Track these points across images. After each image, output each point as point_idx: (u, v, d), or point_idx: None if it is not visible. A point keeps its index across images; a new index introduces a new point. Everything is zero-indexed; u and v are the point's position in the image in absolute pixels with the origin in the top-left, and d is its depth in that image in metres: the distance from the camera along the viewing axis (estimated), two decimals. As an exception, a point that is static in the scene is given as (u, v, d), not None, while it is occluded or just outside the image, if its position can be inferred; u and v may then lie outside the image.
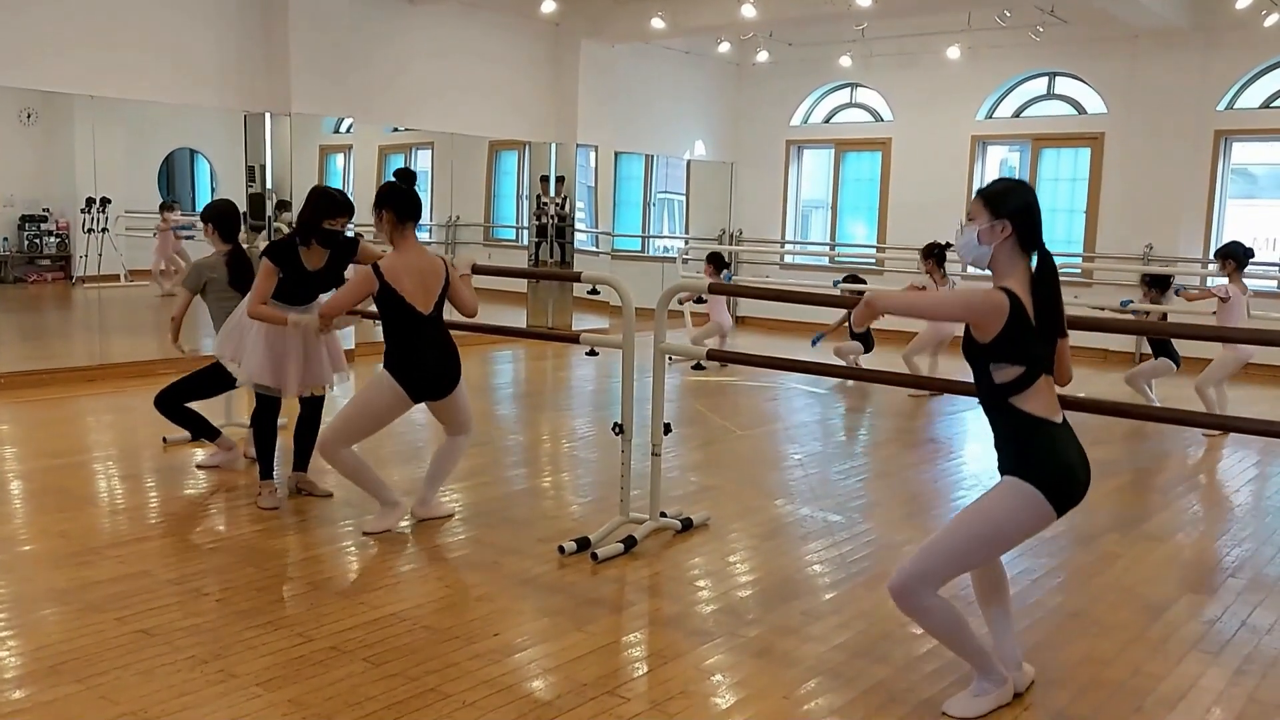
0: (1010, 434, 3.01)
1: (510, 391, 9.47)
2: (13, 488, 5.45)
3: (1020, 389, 2.95)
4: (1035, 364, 2.95)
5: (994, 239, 2.98)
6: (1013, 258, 2.98)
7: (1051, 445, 2.97)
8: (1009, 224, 2.96)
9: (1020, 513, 2.98)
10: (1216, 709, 3.31)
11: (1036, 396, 2.96)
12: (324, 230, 4.89)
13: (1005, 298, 2.90)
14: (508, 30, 11.45)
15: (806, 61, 13.55)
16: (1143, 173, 11.42)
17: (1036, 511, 2.97)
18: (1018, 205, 2.98)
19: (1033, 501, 2.95)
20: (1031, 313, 2.93)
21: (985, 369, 2.99)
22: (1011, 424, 3.00)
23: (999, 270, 3.00)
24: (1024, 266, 2.99)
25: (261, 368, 4.99)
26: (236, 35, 9.24)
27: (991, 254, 2.99)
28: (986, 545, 3.05)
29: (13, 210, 11.37)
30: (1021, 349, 2.92)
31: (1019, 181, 3.11)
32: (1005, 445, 3.04)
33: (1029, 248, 2.99)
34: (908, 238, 12.36)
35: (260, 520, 4.95)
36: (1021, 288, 2.94)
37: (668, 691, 3.30)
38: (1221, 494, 6.27)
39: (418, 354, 4.61)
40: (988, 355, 2.96)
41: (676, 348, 5.17)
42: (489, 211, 14.50)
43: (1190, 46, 11.04)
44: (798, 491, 5.77)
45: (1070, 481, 2.98)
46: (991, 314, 2.90)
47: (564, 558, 4.49)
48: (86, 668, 3.31)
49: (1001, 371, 2.95)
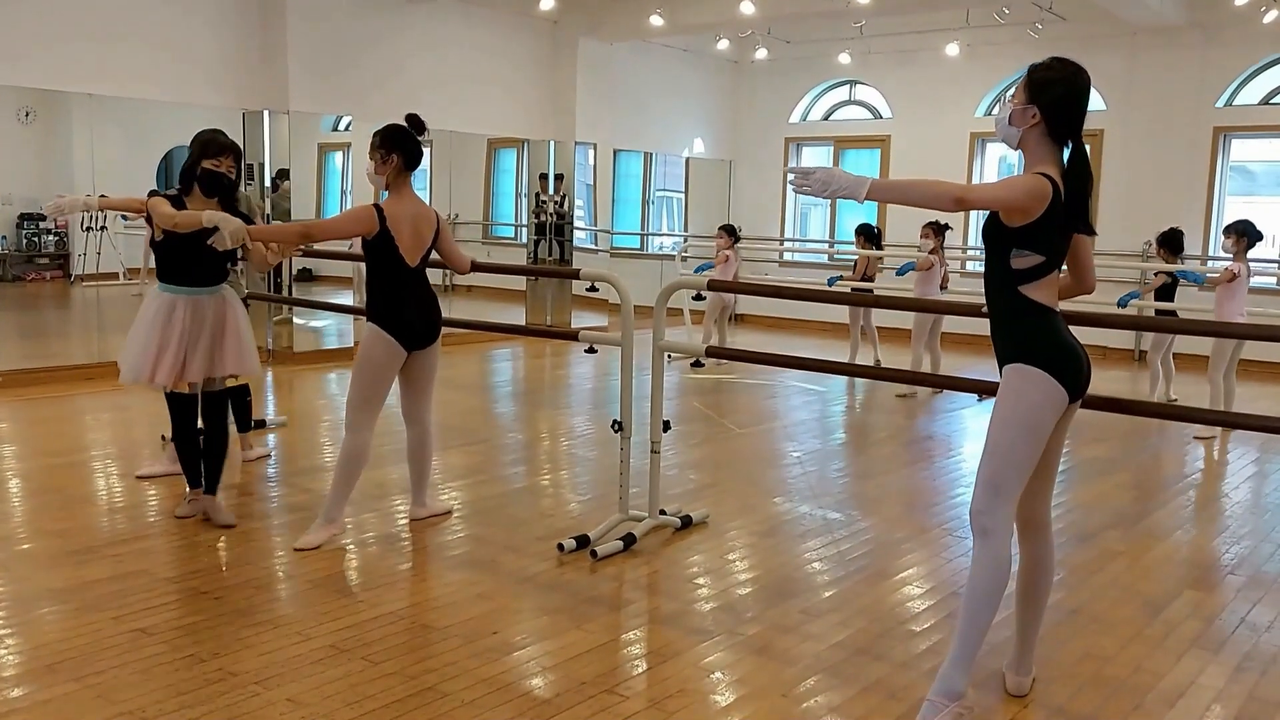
0: (1012, 320, 3.02)
1: (509, 389, 9.47)
2: (11, 486, 5.44)
3: (1034, 278, 2.95)
4: (1055, 255, 2.96)
5: (1023, 123, 2.96)
6: (1041, 144, 2.96)
7: (1050, 329, 2.99)
8: (1039, 112, 2.93)
9: (1034, 395, 2.95)
10: (1216, 706, 3.31)
11: (1045, 287, 2.97)
12: (206, 172, 4.45)
13: (1048, 182, 2.88)
14: (506, 28, 11.44)
15: (805, 59, 13.54)
16: (1142, 170, 11.41)
17: (1048, 389, 2.95)
18: (1054, 97, 2.93)
19: (1040, 381, 2.95)
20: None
21: (1004, 254, 2.98)
22: (1015, 309, 3.00)
23: (1029, 155, 2.99)
24: (1055, 155, 2.97)
25: (138, 360, 4.50)
26: (235, 33, 9.23)
27: (1020, 137, 2.97)
28: (1021, 439, 2.97)
29: (11, 209, 11.36)
30: (1047, 238, 2.92)
31: (1072, 69, 2.98)
32: (1006, 332, 3.04)
33: (1060, 139, 2.96)
34: (907, 234, 12.34)
35: (258, 519, 4.94)
36: (1055, 175, 2.92)
37: (666, 689, 3.30)
38: (1221, 491, 6.27)
39: (401, 305, 4.49)
40: (1013, 240, 2.94)
41: (675, 345, 5.17)
42: (488, 209, 14.49)
43: (1189, 43, 11.04)
44: (796, 489, 5.77)
45: (1072, 359, 2.98)
46: (1035, 198, 2.86)
47: (563, 556, 4.49)
48: (84, 666, 3.31)
49: (1022, 258, 2.94)
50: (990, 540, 2.98)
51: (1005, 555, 2.99)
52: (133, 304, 10.86)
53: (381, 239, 4.39)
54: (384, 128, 4.48)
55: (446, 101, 10.93)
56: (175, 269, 4.63)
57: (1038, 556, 3.24)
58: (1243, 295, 7.42)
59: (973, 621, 3.01)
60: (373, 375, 4.55)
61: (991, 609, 3.01)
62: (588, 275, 5.08)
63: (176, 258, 4.60)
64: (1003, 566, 2.99)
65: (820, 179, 2.93)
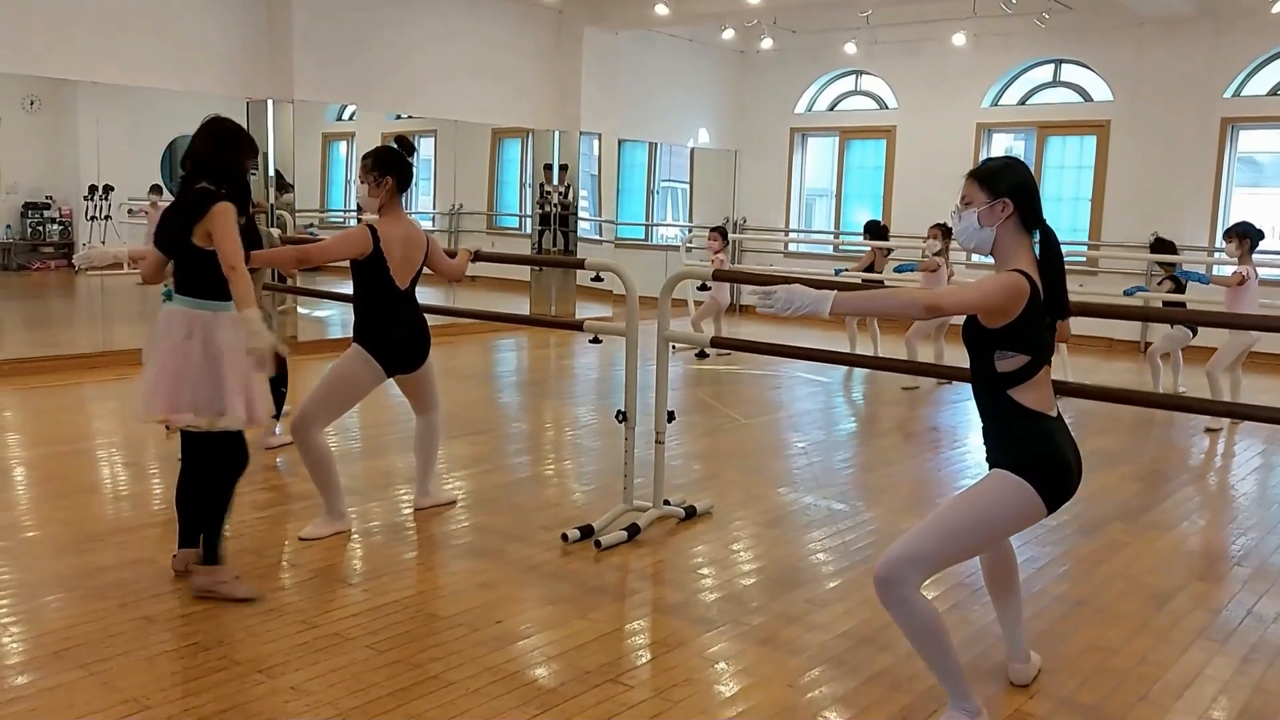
0: (1004, 426, 2.90)
1: (513, 379, 9.46)
2: (16, 475, 5.45)
3: (1022, 380, 2.84)
4: (1041, 353, 2.85)
5: (995, 220, 2.85)
6: (1016, 238, 2.85)
7: (1045, 440, 2.86)
8: (1009, 202, 2.83)
9: (1010, 506, 2.86)
10: (1223, 698, 3.30)
11: (1035, 389, 2.85)
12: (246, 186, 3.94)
13: (1024, 280, 2.77)
14: (511, 17, 11.41)
15: (811, 49, 13.49)
16: (1149, 161, 11.36)
17: (1027, 506, 2.86)
18: (1015, 182, 2.85)
19: (1024, 495, 2.84)
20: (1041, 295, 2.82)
21: (988, 357, 2.86)
22: (1006, 416, 2.88)
23: (1003, 253, 2.87)
24: (1028, 246, 2.87)
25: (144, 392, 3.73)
26: (240, 22, 9.22)
27: (994, 237, 2.87)
28: (974, 536, 2.92)
29: (16, 197, 11.37)
30: (1031, 336, 2.81)
31: (1010, 157, 2.96)
32: (998, 437, 2.93)
33: (1031, 226, 2.87)
34: (912, 226, 12.31)
35: (263, 508, 4.94)
36: (1030, 269, 2.83)
37: (671, 679, 3.29)
38: (1227, 483, 6.25)
39: (389, 328, 4.47)
40: (994, 342, 2.83)
41: (680, 335, 5.15)
42: (492, 200, 14.47)
43: (1197, 33, 10.98)
44: (801, 480, 5.76)
45: (1063, 478, 2.88)
46: (1013, 298, 2.76)
47: (567, 545, 4.48)
48: (89, 654, 3.31)
49: (1006, 360, 2.83)
50: (906, 607, 2.84)
51: (925, 609, 2.87)
52: (136, 294, 10.87)
53: (373, 260, 4.38)
54: (376, 151, 4.48)
55: (451, 91, 10.91)
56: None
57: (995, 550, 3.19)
58: (1254, 298, 7.36)
59: (935, 660, 2.92)
60: (343, 391, 4.51)
61: (943, 647, 2.90)
62: (593, 265, 5.07)
63: None
64: (929, 619, 2.87)
65: (783, 299, 2.83)
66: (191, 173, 3.73)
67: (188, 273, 3.70)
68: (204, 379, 3.61)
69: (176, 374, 3.61)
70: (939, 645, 2.89)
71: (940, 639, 2.89)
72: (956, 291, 2.89)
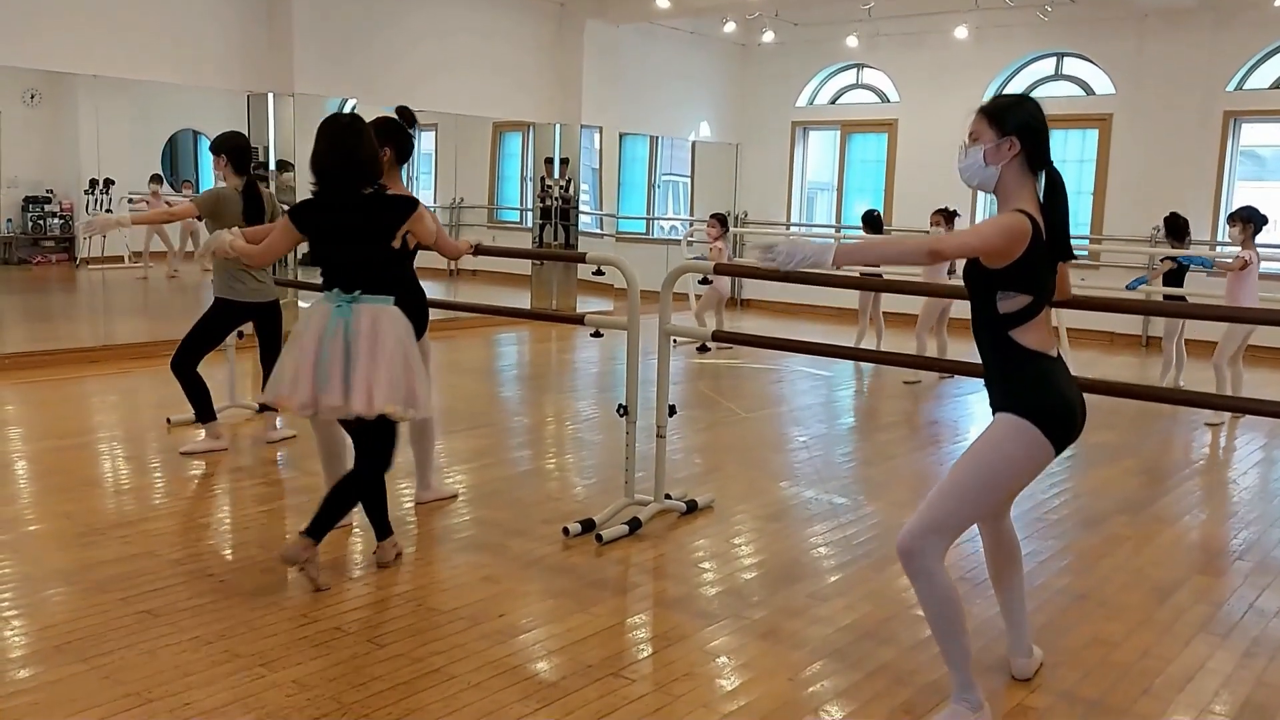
0: (1005, 368, 2.88)
1: (514, 373, 9.46)
2: (17, 469, 5.45)
3: (1023, 320, 2.81)
4: (1043, 293, 2.82)
5: (1001, 159, 2.80)
6: (1021, 178, 2.82)
7: (1047, 379, 2.84)
8: (1016, 141, 2.79)
9: (1018, 450, 2.84)
10: (1224, 691, 3.30)
11: (1036, 330, 2.83)
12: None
13: (1026, 220, 2.74)
14: (512, 10, 11.39)
15: (812, 42, 13.47)
16: (1151, 154, 11.35)
17: (1035, 448, 2.83)
18: (1024, 120, 2.81)
19: (1029, 437, 2.82)
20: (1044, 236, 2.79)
21: (990, 298, 2.84)
22: (1007, 357, 2.86)
23: (1006, 193, 2.83)
24: (1031, 188, 2.83)
25: (276, 378, 3.91)
26: (240, 15, 9.20)
27: (998, 176, 2.82)
28: (989, 490, 2.89)
29: (17, 191, 11.36)
30: (1033, 276, 2.78)
31: (1024, 95, 2.91)
32: (999, 380, 2.91)
33: (1037, 167, 2.83)
34: (914, 220, 12.31)
35: (264, 501, 4.95)
36: (1033, 210, 2.79)
37: (672, 673, 3.29)
38: (1229, 477, 6.25)
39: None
40: (997, 282, 2.79)
41: (681, 329, 5.15)
42: (493, 193, 14.46)
43: (1199, 26, 10.95)
44: (803, 474, 5.76)
45: (1066, 416, 2.85)
46: (1014, 239, 2.72)
47: (569, 539, 4.48)
48: (91, 648, 3.31)
49: (1008, 300, 2.80)
50: (925, 578, 2.85)
51: (943, 583, 2.87)
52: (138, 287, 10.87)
53: None
54: (377, 120, 4.41)
55: (452, 84, 10.90)
56: None
57: (999, 540, 3.18)
58: (1254, 282, 7.36)
59: (950, 651, 2.93)
60: None
61: (961, 631, 2.91)
62: (594, 259, 5.06)
63: None
64: (950, 595, 2.88)
65: (785, 251, 2.81)
66: (361, 174, 3.83)
67: (382, 272, 3.87)
68: (401, 373, 3.79)
69: (391, 367, 3.75)
70: (955, 625, 2.89)
71: (957, 619, 2.89)
72: (957, 236, 2.89)
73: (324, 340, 3.76)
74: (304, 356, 3.78)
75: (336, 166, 3.82)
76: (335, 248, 3.87)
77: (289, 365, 3.83)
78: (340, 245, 3.86)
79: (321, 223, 3.89)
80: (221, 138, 5.70)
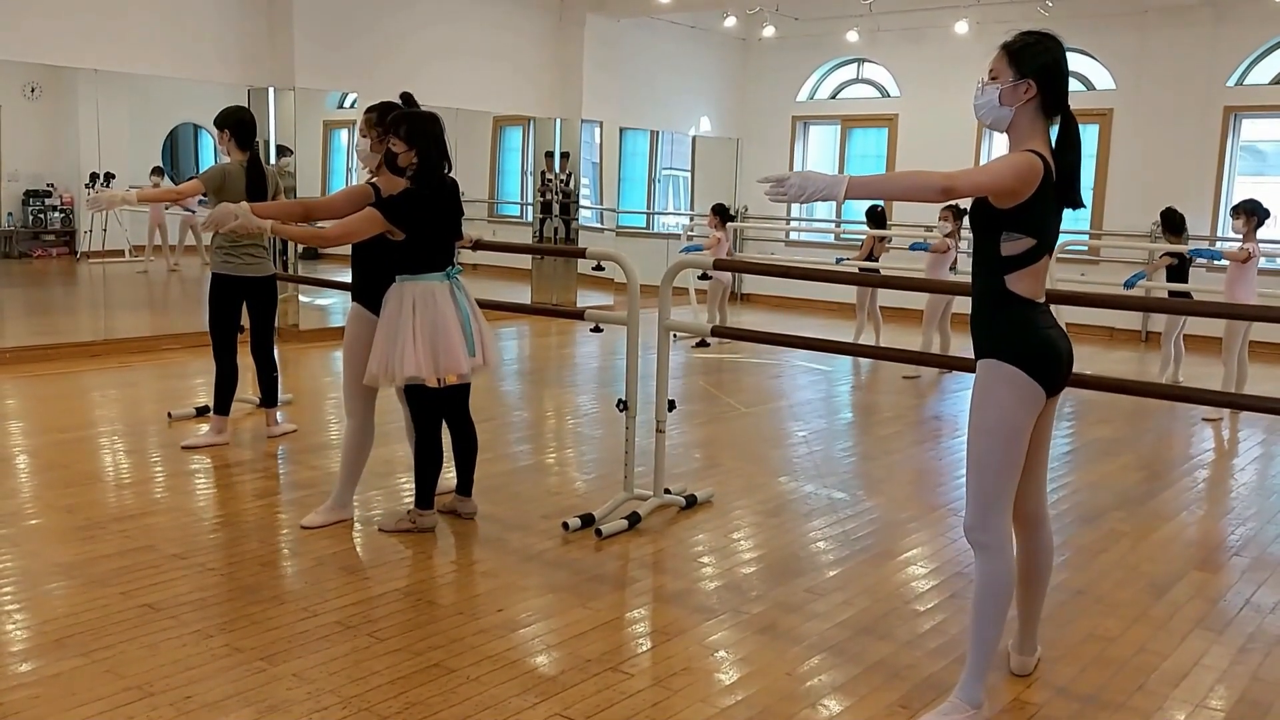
0: (993, 311, 2.88)
1: (514, 368, 9.46)
2: (18, 462, 5.46)
3: (1023, 265, 2.80)
4: (1046, 237, 2.82)
5: (1016, 100, 2.79)
6: (1034, 121, 2.80)
7: (1027, 322, 2.84)
8: (1033, 84, 2.78)
9: (1008, 395, 2.84)
10: (1220, 687, 3.31)
11: (1031, 277, 2.83)
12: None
13: (1039, 160, 2.73)
14: (512, 4, 11.38)
15: (813, 36, 13.46)
16: (1151, 149, 11.34)
17: (1023, 389, 2.83)
18: (1045, 63, 2.79)
19: (1014, 378, 2.82)
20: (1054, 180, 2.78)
21: (994, 239, 2.83)
22: (997, 301, 2.86)
23: (1018, 135, 2.82)
24: (1044, 130, 2.81)
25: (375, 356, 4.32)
26: (240, 9, 9.20)
27: (1012, 117, 2.81)
28: (1000, 441, 2.87)
29: (17, 185, 11.34)
30: (1039, 219, 2.78)
31: (1047, 34, 2.88)
32: (985, 324, 2.91)
33: (1052, 111, 2.81)
34: (915, 214, 12.31)
35: (264, 496, 4.96)
36: (1045, 153, 2.78)
37: (671, 668, 3.31)
38: (1226, 473, 6.26)
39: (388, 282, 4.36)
40: (1003, 223, 2.79)
41: (681, 324, 5.15)
42: (493, 188, 14.44)
43: (1200, 21, 10.94)
44: (802, 469, 5.77)
45: (1047, 354, 2.85)
46: (1025, 179, 2.71)
47: (568, 534, 4.49)
48: (92, 641, 3.33)
49: (1012, 242, 2.79)
50: (989, 553, 2.90)
51: (1006, 566, 2.92)
52: (138, 281, 10.86)
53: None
54: (380, 105, 4.43)
55: (452, 78, 10.88)
56: None
57: (1037, 544, 3.18)
58: (1254, 276, 7.39)
59: (982, 634, 2.95)
60: (362, 357, 4.44)
61: (1000, 620, 2.94)
62: (594, 254, 5.07)
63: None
64: (1005, 578, 2.92)
65: (796, 184, 2.78)
66: (444, 163, 4.30)
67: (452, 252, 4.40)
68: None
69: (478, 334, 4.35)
70: (997, 611, 2.93)
71: (1002, 607, 2.93)
72: (970, 172, 2.86)
73: (464, 313, 4.29)
74: (453, 330, 4.23)
75: (445, 156, 4.30)
76: (450, 232, 4.35)
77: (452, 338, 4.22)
78: (456, 228, 4.38)
79: (441, 210, 4.29)
80: (225, 112, 5.68)
